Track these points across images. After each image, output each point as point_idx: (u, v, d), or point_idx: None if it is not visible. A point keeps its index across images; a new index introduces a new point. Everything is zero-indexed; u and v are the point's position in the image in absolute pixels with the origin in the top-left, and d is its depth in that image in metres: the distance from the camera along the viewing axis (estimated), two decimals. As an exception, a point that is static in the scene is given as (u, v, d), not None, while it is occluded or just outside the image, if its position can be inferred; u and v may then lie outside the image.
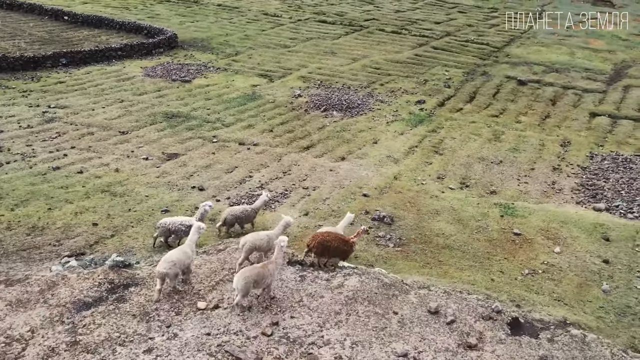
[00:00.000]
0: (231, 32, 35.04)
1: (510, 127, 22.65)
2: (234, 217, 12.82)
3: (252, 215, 13.11)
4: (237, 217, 12.84)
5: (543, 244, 13.46)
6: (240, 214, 12.87)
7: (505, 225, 14.42)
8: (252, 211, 13.08)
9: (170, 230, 11.68)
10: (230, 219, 12.82)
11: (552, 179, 18.16)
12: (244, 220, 12.98)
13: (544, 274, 12.06)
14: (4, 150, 17.19)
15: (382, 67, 29.36)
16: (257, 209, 13.24)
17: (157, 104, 22.73)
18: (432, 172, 18.09)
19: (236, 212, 12.88)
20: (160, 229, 11.77)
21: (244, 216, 12.92)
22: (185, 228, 11.49)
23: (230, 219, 12.82)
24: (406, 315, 8.92)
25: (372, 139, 20.70)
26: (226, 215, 12.84)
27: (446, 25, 38.02)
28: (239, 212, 12.91)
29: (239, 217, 12.86)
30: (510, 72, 29.38)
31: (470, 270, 11.98)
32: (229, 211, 12.94)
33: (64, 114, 20.81)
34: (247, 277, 8.72)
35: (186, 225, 11.53)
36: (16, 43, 29.54)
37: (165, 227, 11.71)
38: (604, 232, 14.14)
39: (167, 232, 11.69)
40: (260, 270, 8.90)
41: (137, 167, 16.98)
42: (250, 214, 13.06)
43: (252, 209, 13.09)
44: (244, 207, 13.23)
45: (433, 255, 12.67)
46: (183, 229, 11.60)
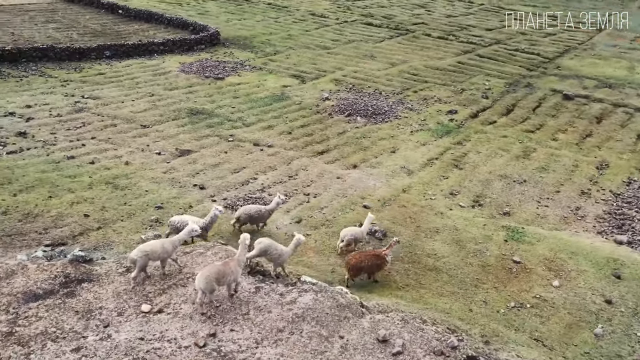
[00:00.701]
0: (275, 31, 35.22)
1: (545, 144, 21.28)
2: (248, 216, 13.17)
3: (266, 215, 13.40)
4: (250, 216, 13.17)
5: (542, 276, 12.46)
6: (254, 213, 13.20)
7: (507, 251, 13.49)
8: (265, 212, 13.36)
9: (179, 229, 11.71)
10: (244, 217, 13.15)
11: (578, 204, 16.87)
12: (257, 220, 13.34)
13: (532, 309, 11.14)
14: (28, 137, 18.06)
15: (420, 74, 28.49)
16: (271, 210, 13.53)
17: (185, 99, 23.16)
18: (445, 187, 17.28)
19: (250, 211, 13.19)
20: (171, 227, 11.94)
21: (257, 216, 13.27)
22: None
23: (244, 218, 13.15)
24: (352, 340, 8.46)
25: (391, 148, 20.08)
26: (240, 213, 13.19)
27: (497, 33, 36.39)
28: (253, 211, 13.22)
29: (252, 216, 13.19)
30: (558, 85, 27.66)
31: (451, 297, 11.26)
32: (243, 210, 13.27)
33: (94, 104, 21.63)
34: (207, 276, 8.79)
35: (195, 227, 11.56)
36: (69, 34, 31.09)
37: (174, 225, 11.85)
38: (617, 268, 12.91)
39: (176, 230, 11.75)
40: (221, 268, 8.97)
41: (148, 161, 17.32)
42: (264, 214, 13.33)
43: (266, 210, 13.38)
44: (258, 207, 13.52)
45: (416, 277, 12.03)
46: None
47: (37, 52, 25.96)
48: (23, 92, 22.26)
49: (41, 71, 25.03)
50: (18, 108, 20.41)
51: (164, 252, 9.77)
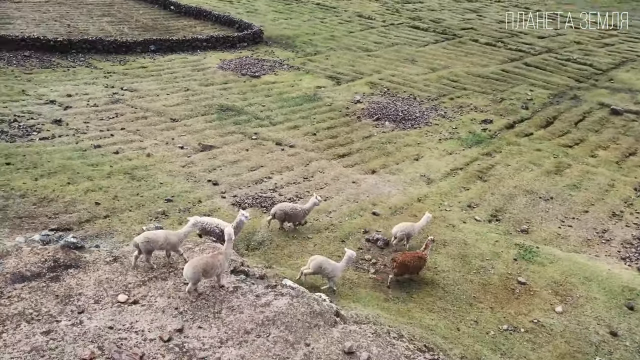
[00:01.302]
0: (319, 31, 35.30)
1: (581, 160, 20.19)
2: (283, 213, 13.38)
3: (301, 214, 13.59)
4: (285, 213, 13.39)
5: (546, 300, 11.81)
6: (289, 210, 13.40)
7: (514, 270, 12.89)
8: (301, 211, 13.54)
9: (206, 230, 12.02)
10: (279, 214, 13.39)
11: (606, 226, 15.88)
12: (292, 218, 13.51)
13: (526, 333, 10.58)
14: (62, 124, 18.98)
15: (460, 80, 27.72)
16: (307, 210, 13.67)
17: (218, 96, 23.62)
18: (464, 199, 16.73)
19: (285, 209, 13.40)
20: (197, 226, 11.92)
21: (292, 214, 13.44)
22: (219, 231, 11.86)
23: (279, 214, 13.40)
24: (317, 349, 8.33)
25: (415, 155, 19.66)
26: (275, 210, 13.46)
27: (550, 41, 34.82)
28: (288, 209, 13.41)
29: (287, 213, 13.40)
30: (607, 99, 26.15)
31: (440, 313, 10.88)
32: (279, 206, 13.50)
33: (130, 96, 22.45)
34: (195, 266, 9.08)
35: (220, 229, 11.87)
36: (121, 28, 32.43)
37: (200, 225, 11.98)
38: (632, 298, 12.05)
39: (203, 231, 12.04)
40: (209, 260, 9.25)
41: (169, 154, 17.79)
42: (299, 213, 13.51)
43: (301, 209, 13.57)
44: (294, 205, 13.69)
45: (408, 289, 11.70)
46: (217, 231, 11.95)
47: (86, 44, 27.24)
48: (68, 82, 23.43)
49: (88, 62, 26.26)
50: (59, 96, 21.50)
51: (167, 242, 10.05)
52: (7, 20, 31.23)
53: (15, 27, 29.93)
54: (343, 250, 13.03)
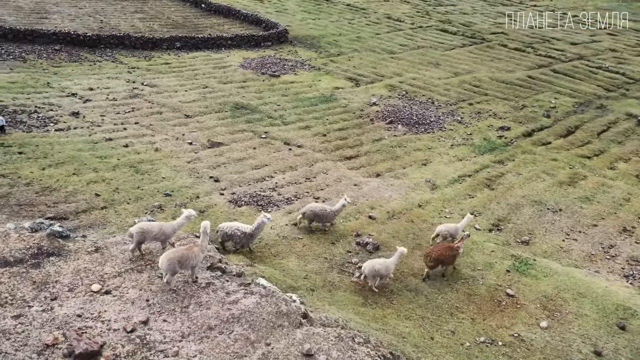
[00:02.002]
0: (345, 32, 35.26)
1: (598, 172, 19.47)
2: (312, 213, 13.68)
3: (331, 215, 13.84)
4: (315, 213, 13.68)
5: (532, 314, 11.47)
6: (319, 211, 13.68)
7: (505, 282, 12.57)
8: (330, 212, 13.79)
9: (228, 234, 12.20)
10: (309, 213, 13.69)
11: (613, 241, 15.29)
12: (322, 219, 13.77)
13: (504, 347, 10.31)
14: (79, 117, 19.66)
15: (482, 86, 27.16)
16: (336, 212, 13.93)
17: (235, 94, 23.95)
18: (467, 207, 16.41)
19: (315, 209, 13.69)
20: (220, 232, 12.31)
21: (321, 214, 13.66)
22: (240, 234, 12.13)
23: (309, 214, 13.70)
24: (276, 349, 8.36)
25: (424, 160, 19.42)
26: (306, 209, 13.76)
27: (583, 48, 33.65)
28: (318, 209, 13.69)
29: (317, 214, 13.69)
30: (635, 109, 25.10)
31: (417, 321, 10.72)
32: (309, 207, 13.79)
33: (149, 92, 23.03)
34: (170, 258, 9.33)
35: (241, 231, 12.14)
36: (150, 25, 33.29)
37: (223, 231, 12.23)
38: (625, 318, 11.56)
39: (226, 237, 12.26)
40: (184, 252, 9.47)
41: (177, 149, 18.17)
42: (329, 214, 13.76)
43: (331, 210, 13.82)
44: (324, 205, 13.96)
45: (390, 295, 11.58)
46: (238, 234, 12.15)
47: (114, 40, 28.11)
48: (92, 76, 24.24)
49: (114, 57, 27.08)
50: (81, 90, 22.27)
51: (161, 233, 10.48)
52: (45, 15, 32.55)
53: (51, 22, 31.17)
54: (330, 253, 13.06)
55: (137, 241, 10.22)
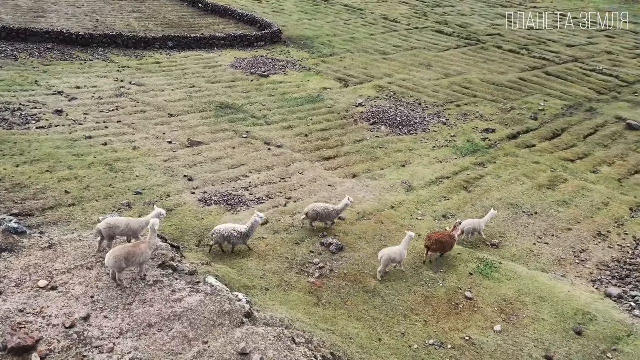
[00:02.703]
0: (340, 33, 35.26)
1: (580, 176, 19.30)
2: (315, 213, 13.95)
3: (334, 214, 14.17)
4: (317, 213, 13.97)
5: (488, 317, 11.41)
6: (321, 211, 13.93)
7: (465, 285, 12.51)
8: (333, 211, 14.11)
9: (224, 236, 12.37)
10: (311, 213, 13.94)
11: (586, 246, 15.15)
12: (325, 218, 14.08)
13: (453, 350, 10.27)
14: (63, 115, 19.88)
15: (472, 88, 27.03)
16: (339, 210, 14.23)
17: (222, 93, 24.07)
18: (441, 209, 16.36)
19: (317, 209, 13.96)
20: (216, 235, 12.43)
21: (324, 214, 13.97)
22: (237, 234, 12.38)
23: (311, 214, 13.94)
24: (213, 348, 8.42)
25: (403, 162, 19.38)
26: (309, 210, 14.00)
27: (579, 50, 33.34)
28: (320, 209, 13.96)
29: (319, 213, 13.93)
30: (626, 113, 24.83)
31: (368, 323, 10.72)
32: (312, 207, 14.05)
33: (136, 91, 23.22)
34: (117, 255, 9.51)
35: (238, 232, 12.38)
36: (146, 24, 33.55)
37: (219, 233, 12.39)
38: (583, 323, 11.47)
39: (222, 238, 12.42)
40: (131, 249, 9.64)
41: (156, 148, 18.31)
42: (332, 213, 14.08)
43: (334, 209, 14.14)
44: (326, 205, 14.21)
45: (346, 296, 11.59)
46: (235, 234, 12.38)
47: (106, 39, 28.37)
48: (81, 74, 24.49)
49: (106, 56, 27.34)
50: (68, 88, 22.52)
51: (128, 229, 10.88)
52: (42, 14, 32.94)
53: (48, 21, 31.54)
54: (292, 253, 13.10)
55: (108, 236, 10.52)
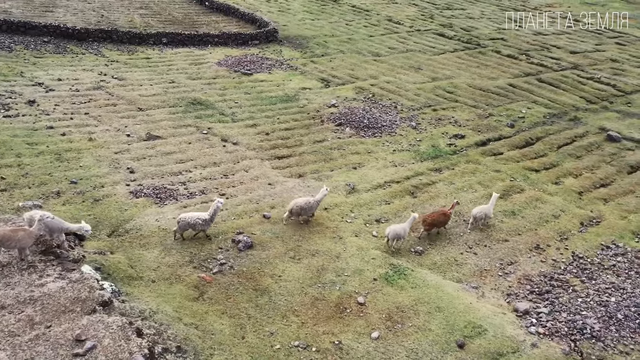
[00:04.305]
0: (339, 33, 35.18)
1: (540, 186, 18.63)
2: (299, 208, 14.49)
3: (315, 206, 14.77)
4: (301, 207, 14.48)
5: (371, 324, 11.27)
6: (304, 205, 14.50)
7: (363, 290, 12.38)
8: (314, 202, 14.72)
9: (189, 224, 13.13)
10: (296, 209, 14.48)
11: (516, 258, 14.68)
12: (307, 211, 14.62)
13: (316, 353, 10.17)
14: (34, 105, 20.78)
15: (456, 92, 26.47)
16: (318, 201, 14.83)
17: (198, 90, 24.52)
18: (377, 213, 16.17)
19: (300, 204, 14.52)
20: (180, 222, 13.15)
21: (307, 207, 14.53)
22: (201, 221, 13.13)
23: (296, 209, 14.48)
24: (52, 332, 8.71)
25: (357, 164, 19.25)
26: (292, 206, 14.56)
27: (582, 57, 32.03)
28: (303, 203, 14.54)
29: (302, 207, 14.49)
30: (611, 123, 23.73)
31: (239, 320, 10.78)
32: (294, 202, 14.61)
33: (114, 84, 23.97)
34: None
35: (202, 219, 13.13)
36: (148, 20, 34.51)
37: (185, 221, 13.11)
38: (470, 336, 11.15)
39: (185, 225, 13.16)
40: (7, 233, 10.24)
41: (112, 140, 18.89)
42: (312, 205, 14.67)
43: (314, 201, 14.73)
44: (307, 199, 14.76)
45: (233, 293, 11.68)
46: (200, 222, 13.14)
47: (102, 34, 29.38)
48: (69, 67, 25.49)
49: (98, 50, 28.32)
50: (50, 80, 23.49)
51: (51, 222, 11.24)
52: (51, 8, 34.41)
53: (54, 15, 32.92)
54: (199, 248, 13.29)
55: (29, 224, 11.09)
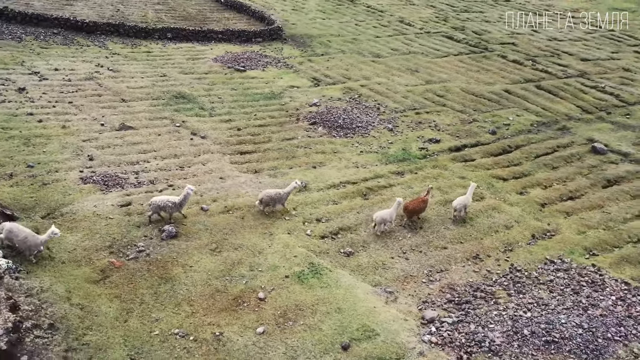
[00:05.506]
0: (345, 33, 35.14)
1: (501, 196, 18.10)
2: (269, 198, 15.30)
3: (284, 197, 15.63)
4: (270, 197, 15.33)
5: (262, 319, 11.37)
6: (274, 195, 15.38)
7: (269, 285, 12.50)
8: (284, 194, 15.59)
9: (160, 207, 14.12)
10: (265, 199, 15.30)
11: (449, 266, 14.38)
12: (277, 201, 15.49)
13: (192, 342, 10.39)
14: (22, 92, 21.96)
15: (446, 96, 25.98)
16: (288, 193, 15.68)
17: (186, 84, 25.17)
18: (320, 213, 16.17)
19: (270, 194, 15.36)
20: (152, 206, 14.14)
21: (276, 197, 15.42)
22: (172, 204, 14.13)
23: (265, 199, 15.30)
24: None
25: (318, 163, 19.32)
26: (262, 195, 15.33)
27: (592, 65, 30.64)
28: (273, 194, 15.41)
29: (272, 197, 15.36)
30: (601, 135, 22.64)
31: (129, 304, 11.13)
32: (265, 193, 15.44)
33: (107, 76, 24.96)
34: None
35: (172, 202, 14.13)
36: (161, 16, 35.63)
37: (155, 204, 14.10)
38: (358, 339, 11.08)
39: (157, 209, 14.16)
40: None
41: (85, 129, 19.74)
42: (282, 196, 15.55)
43: (284, 192, 15.61)
44: (277, 190, 15.66)
45: (135, 279, 12.05)
46: (170, 204, 14.13)
47: (110, 27, 30.62)
48: (70, 58, 26.73)
49: (103, 43, 29.53)
50: (47, 69, 24.72)
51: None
52: (71, 1, 36.03)
53: (73, 8, 34.51)
54: (124, 234, 13.75)
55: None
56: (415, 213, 15.76)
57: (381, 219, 14.96)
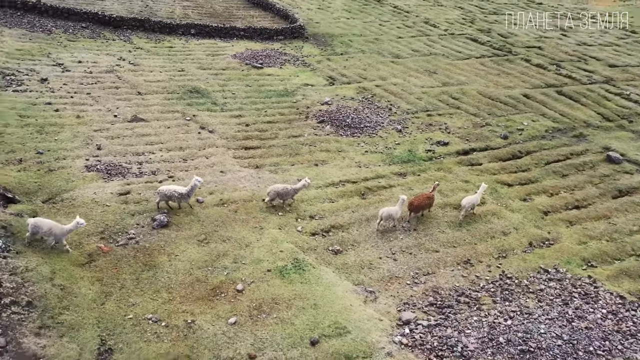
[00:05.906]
0: (368, 33, 35.04)
1: (505, 202, 17.76)
2: (275, 193, 15.68)
3: (291, 193, 15.83)
4: (277, 192, 15.60)
5: (238, 310, 11.56)
6: (281, 190, 15.61)
7: (250, 278, 12.69)
8: (291, 190, 15.78)
9: (167, 195, 14.69)
10: (272, 194, 15.69)
11: (437, 270, 14.25)
12: (284, 196, 15.75)
13: (163, 327, 10.67)
14: (44, 83, 22.87)
15: (462, 99, 25.61)
16: (297, 189, 15.87)
17: (202, 79, 25.68)
18: (314, 211, 16.28)
19: (277, 189, 15.71)
20: (160, 194, 14.75)
21: (283, 193, 15.65)
22: (178, 195, 14.65)
23: (272, 194, 15.68)
24: None
25: (321, 161, 19.43)
26: (270, 190, 15.64)
27: (620, 71, 29.57)
28: (280, 189, 15.74)
29: (279, 193, 15.62)
30: (618, 143, 21.86)
31: (109, 288, 11.51)
32: (272, 187, 15.81)
33: (127, 69, 25.72)
34: None
35: (178, 193, 14.65)
36: (187, 12, 36.39)
37: (163, 193, 14.69)
38: (328, 335, 11.13)
39: (165, 197, 14.74)
40: None
41: (98, 120, 20.42)
42: (290, 191, 15.76)
43: (292, 188, 15.80)
44: (285, 185, 15.98)
45: (119, 265, 12.44)
46: (176, 195, 14.67)
47: (135, 22, 31.50)
48: (95, 51, 27.65)
49: (129, 38, 30.41)
50: (71, 62, 25.66)
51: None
52: (103, -3, 37.26)
53: (103, 3, 35.65)
54: (117, 222, 14.21)
55: None
56: (420, 209, 15.85)
57: (387, 214, 15.00)
